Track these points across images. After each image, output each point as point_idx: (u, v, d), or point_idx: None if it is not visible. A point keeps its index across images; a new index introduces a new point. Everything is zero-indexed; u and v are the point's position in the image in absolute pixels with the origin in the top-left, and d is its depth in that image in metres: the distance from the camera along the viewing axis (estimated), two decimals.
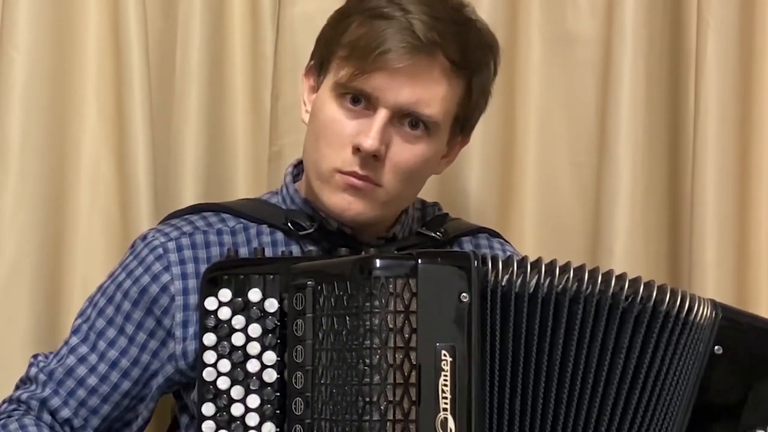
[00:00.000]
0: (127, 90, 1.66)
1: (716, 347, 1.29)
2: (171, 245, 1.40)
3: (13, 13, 1.63)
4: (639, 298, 1.25)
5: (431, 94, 1.35)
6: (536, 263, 1.24)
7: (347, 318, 1.19)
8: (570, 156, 1.82)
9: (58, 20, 1.67)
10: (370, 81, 1.32)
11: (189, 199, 1.69)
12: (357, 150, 1.33)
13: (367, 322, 1.17)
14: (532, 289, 1.23)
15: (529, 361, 1.23)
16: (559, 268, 1.25)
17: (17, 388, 1.42)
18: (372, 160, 1.34)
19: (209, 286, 1.28)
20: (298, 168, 1.48)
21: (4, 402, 1.41)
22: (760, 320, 1.36)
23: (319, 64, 1.41)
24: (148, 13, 1.68)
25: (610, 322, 1.25)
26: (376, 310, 1.17)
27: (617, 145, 1.74)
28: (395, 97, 1.33)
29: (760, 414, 1.31)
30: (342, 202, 1.36)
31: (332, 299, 1.21)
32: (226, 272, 1.29)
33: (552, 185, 1.83)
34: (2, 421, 1.38)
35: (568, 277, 1.24)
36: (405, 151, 1.35)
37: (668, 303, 1.27)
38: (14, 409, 1.39)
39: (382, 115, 1.33)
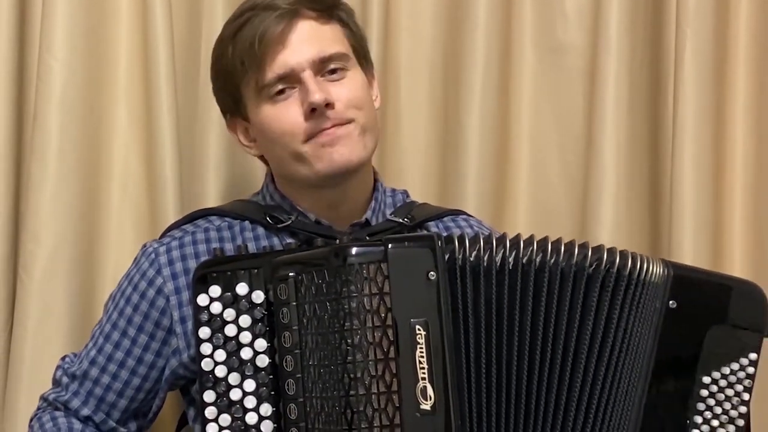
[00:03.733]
0: (155, 96, 1.71)
1: (671, 302, 1.34)
2: (162, 249, 1.45)
3: (52, 26, 1.68)
4: (603, 265, 1.30)
5: (322, 39, 1.42)
6: (501, 239, 1.29)
7: (327, 303, 1.23)
8: (560, 154, 1.87)
9: (92, 32, 1.72)
10: (276, 63, 1.39)
11: (212, 194, 1.75)
12: (311, 111, 1.39)
13: (346, 306, 1.21)
14: (499, 263, 1.27)
15: (501, 328, 1.27)
16: (524, 241, 1.30)
17: (52, 385, 1.50)
18: (326, 110, 1.39)
19: (199, 284, 1.32)
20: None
21: (41, 399, 1.50)
22: (709, 273, 1.43)
23: (233, 106, 1.48)
24: (174, 25, 1.73)
25: (576, 288, 1.29)
26: (354, 294, 1.21)
27: (603, 144, 1.79)
28: (301, 57, 1.40)
29: (715, 359, 1.36)
30: (334, 155, 1.40)
31: (313, 287, 1.25)
32: (213, 270, 1.32)
33: (543, 181, 1.87)
34: (38, 415, 1.48)
35: (533, 249, 1.29)
36: (342, 89, 1.42)
37: (627, 266, 1.31)
38: (47, 407, 1.48)
39: (306, 74, 1.40)
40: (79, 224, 1.71)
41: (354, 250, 1.22)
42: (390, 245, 1.23)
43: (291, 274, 1.27)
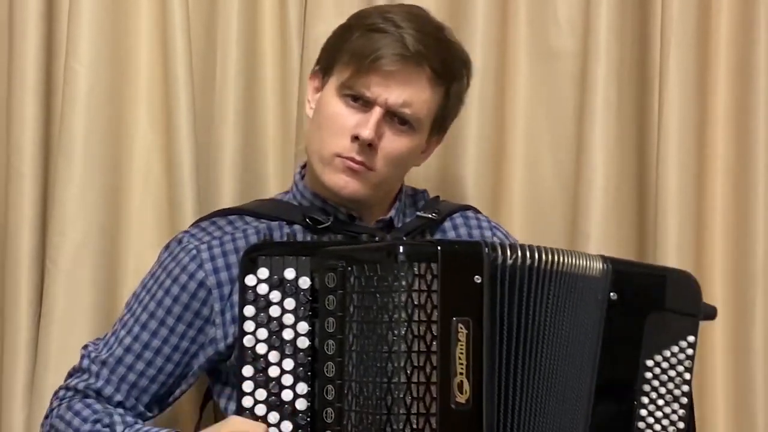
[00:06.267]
0: (173, 98, 1.74)
1: (611, 294, 1.39)
2: (203, 246, 1.47)
3: (77, 34, 1.72)
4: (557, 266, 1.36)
5: (417, 97, 1.46)
6: (531, 248, 1.34)
7: (377, 295, 1.26)
8: (552, 154, 1.90)
9: (115, 39, 1.76)
10: (367, 83, 1.44)
11: (227, 193, 1.78)
12: (355, 138, 1.44)
13: (395, 299, 1.24)
14: (534, 269, 1.33)
15: (519, 328, 1.32)
16: (537, 248, 1.34)
17: (70, 376, 1.50)
18: (367, 148, 1.44)
19: (248, 265, 1.34)
20: (305, 169, 1.57)
21: (60, 390, 1.49)
22: (645, 266, 1.49)
23: (323, 69, 1.51)
24: (192, 33, 1.76)
25: (558, 290, 1.36)
26: (403, 289, 1.24)
27: (593, 145, 1.82)
28: (387, 98, 1.44)
29: (656, 343, 1.42)
30: (340, 182, 1.46)
31: (362, 279, 1.28)
32: (263, 253, 1.35)
33: (537, 178, 1.90)
34: (65, 404, 1.46)
35: (554, 256, 1.35)
36: (394, 143, 1.46)
37: (567, 264, 1.37)
38: (73, 395, 1.47)
39: (377, 111, 1.44)
40: (102, 219, 1.75)
41: (407, 248, 1.27)
42: (440, 247, 1.27)
43: (341, 264, 1.30)
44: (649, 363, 1.42)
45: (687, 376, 1.44)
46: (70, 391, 1.48)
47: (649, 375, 1.42)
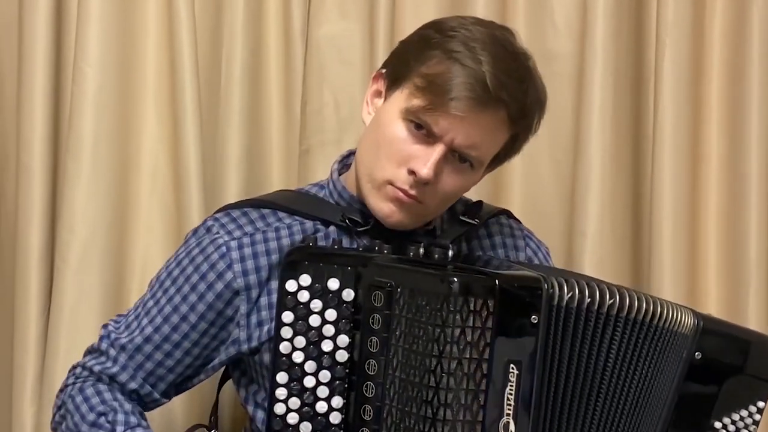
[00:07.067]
0: (180, 98, 1.76)
1: (696, 353, 1.37)
2: (233, 244, 1.40)
3: (86, 36, 1.74)
4: (648, 317, 1.34)
5: (486, 140, 1.36)
6: (592, 286, 1.30)
7: (430, 327, 1.19)
8: (550, 153, 1.91)
9: (123, 42, 1.78)
10: (437, 119, 1.32)
11: (232, 189, 1.80)
12: (411, 173, 1.34)
13: (447, 334, 1.18)
14: (584, 307, 1.28)
15: (570, 370, 1.29)
16: (606, 288, 1.31)
17: (89, 353, 1.47)
18: (422, 184, 1.35)
19: (289, 270, 1.29)
20: (342, 163, 1.49)
21: (77, 366, 1.46)
22: (732, 326, 1.45)
23: (392, 78, 1.39)
24: (198, 33, 1.78)
25: (637, 340, 1.33)
26: (457, 325, 1.18)
27: (589, 144, 1.83)
28: (454, 138, 1.33)
29: (727, 406, 1.41)
30: (387, 210, 1.37)
31: (412, 305, 1.22)
32: (306, 258, 1.29)
33: (535, 178, 1.91)
34: (79, 385, 1.44)
35: (614, 300, 1.31)
36: (451, 180, 1.37)
37: (663, 317, 1.34)
38: (88, 376, 1.44)
39: (439, 149, 1.34)
40: (111, 216, 1.77)
41: (462, 280, 1.19)
42: (498, 282, 1.20)
43: (390, 283, 1.25)
44: (717, 424, 1.42)
45: None
46: (86, 371, 1.45)
47: None
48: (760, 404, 1.44)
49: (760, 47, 1.89)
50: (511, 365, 1.21)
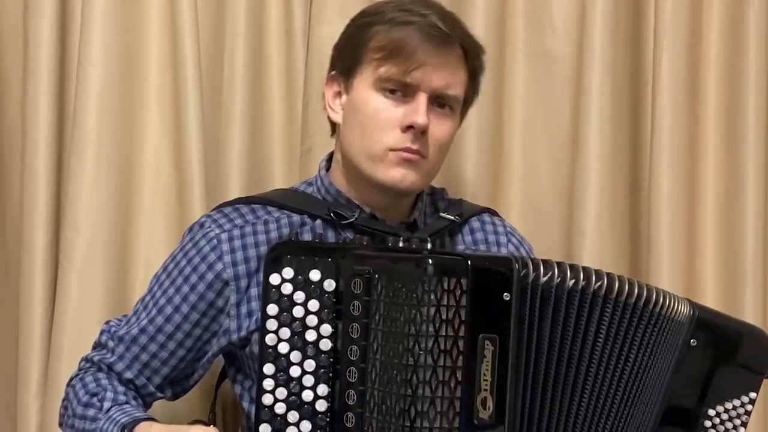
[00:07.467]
0: (183, 97, 1.77)
1: (692, 340, 1.40)
2: (224, 236, 1.45)
3: (90, 37, 1.75)
4: (642, 302, 1.36)
5: (455, 77, 1.45)
6: (573, 267, 1.32)
7: (405, 307, 1.23)
8: (549, 153, 1.92)
9: (126, 42, 1.79)
10: (407, 72, 1.41)
11: (234, 188, 1.80)
12: (408, 128, 1.41)
13: (423, 313, 1.21)
14: (567, 289, 1.30)
15: (557, 350, 1.31)
16: (592, 271, 1.33)
17: (93, 348, 1.54)
18: (420, 135, 1.42)
19: (273, 264, 1.32)
20: (328, 162, 1.55)
21: (82, 360, 1.54)
22: (726, 318, 1.47)
23: (344, 71, 1.47)
24: (201, 34, 1.79)
25: (630, 323, 1.35)
26: (432, 303, 1.21)
27: (588, 144, 1.84)
28: (431, 83, 1.42)
29: (721, 392, 1.43)
30: (398, 175, 1.43)
31: (390, 289, 1.26)
32: (288, 252, 1.33)
33: (534, 177, 1.92)
34: (80, 375, 1.51)
35: (602, 282, 1.33)
36: (441, 126, 1.45)
37: (659, 304, 1.37)
38: (89, 367, 1.52)
39: (422, 98, 1.42)
40: (114, 215, 1.78)
41: (436, 262, 1.22)
42: (470, 262, 1.24)
43: (368, 271, 1.29)
44: (711, 412, 1.43)
45: (742, 430, 1.46)
46: (88, 363, 1.52)
47: (708, 424, 1.44)
48: (752, 395, 1.45)
49: (757, 48, 1.90)
50: (486, 342, 1.24)
